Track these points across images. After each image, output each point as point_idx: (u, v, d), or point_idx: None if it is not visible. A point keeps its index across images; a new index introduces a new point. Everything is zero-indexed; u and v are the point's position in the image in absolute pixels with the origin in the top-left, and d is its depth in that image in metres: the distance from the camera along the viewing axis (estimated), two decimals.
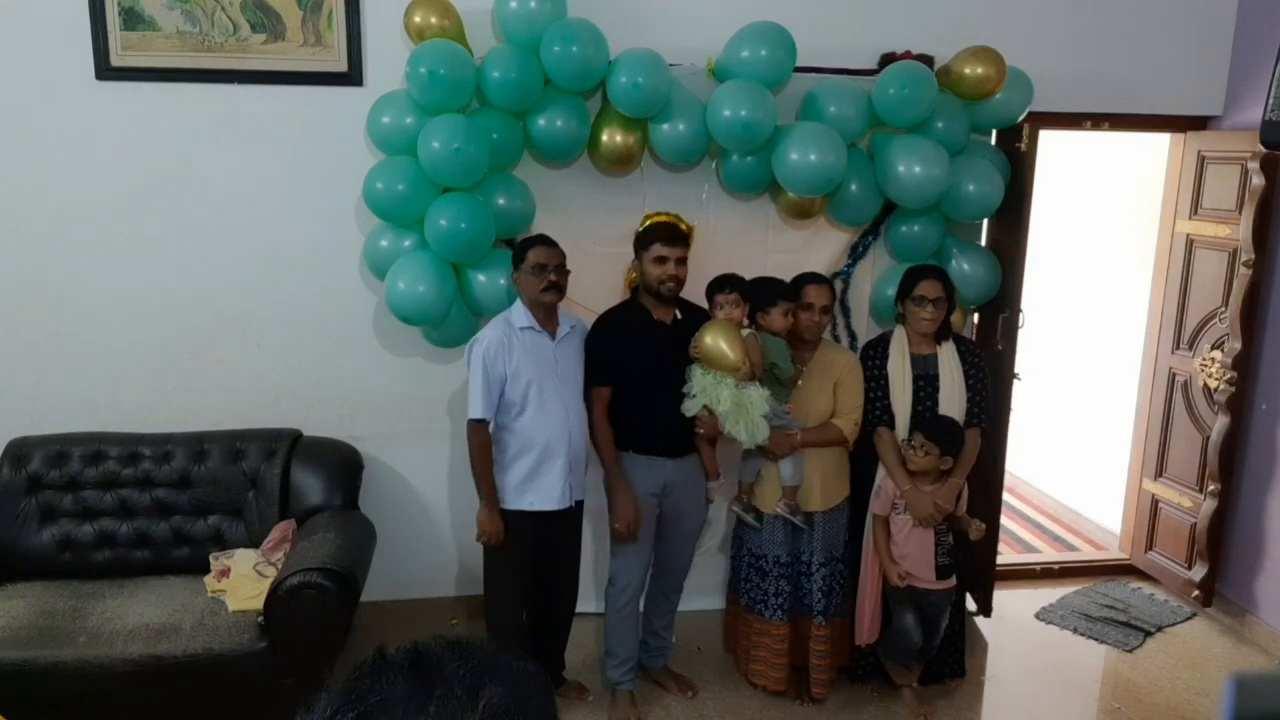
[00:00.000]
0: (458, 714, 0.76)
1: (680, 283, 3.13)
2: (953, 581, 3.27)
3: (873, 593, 3.31)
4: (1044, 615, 4.07)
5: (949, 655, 3.50)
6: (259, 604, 2.96)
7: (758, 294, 3.19)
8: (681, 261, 3.11)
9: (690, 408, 3.11)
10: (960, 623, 3.54)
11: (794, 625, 3.34)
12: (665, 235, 3.09)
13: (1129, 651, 3.80)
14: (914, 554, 3.20)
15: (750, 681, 3.45)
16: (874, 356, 3.33)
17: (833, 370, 3.27)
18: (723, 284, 3.17)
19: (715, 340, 3.03)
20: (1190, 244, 4.13)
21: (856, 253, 3.79)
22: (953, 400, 3.25)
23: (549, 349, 3.08)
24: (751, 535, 3.36)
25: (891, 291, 3.48)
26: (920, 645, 3.26)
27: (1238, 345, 3.87)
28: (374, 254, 3.46)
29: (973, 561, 3.57)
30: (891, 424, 3.27)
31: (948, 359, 3.28)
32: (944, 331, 3.30)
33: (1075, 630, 3.95)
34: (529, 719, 0.79)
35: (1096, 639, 3.88)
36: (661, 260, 3.08)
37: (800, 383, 3.25)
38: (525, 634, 3.23)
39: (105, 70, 3.41)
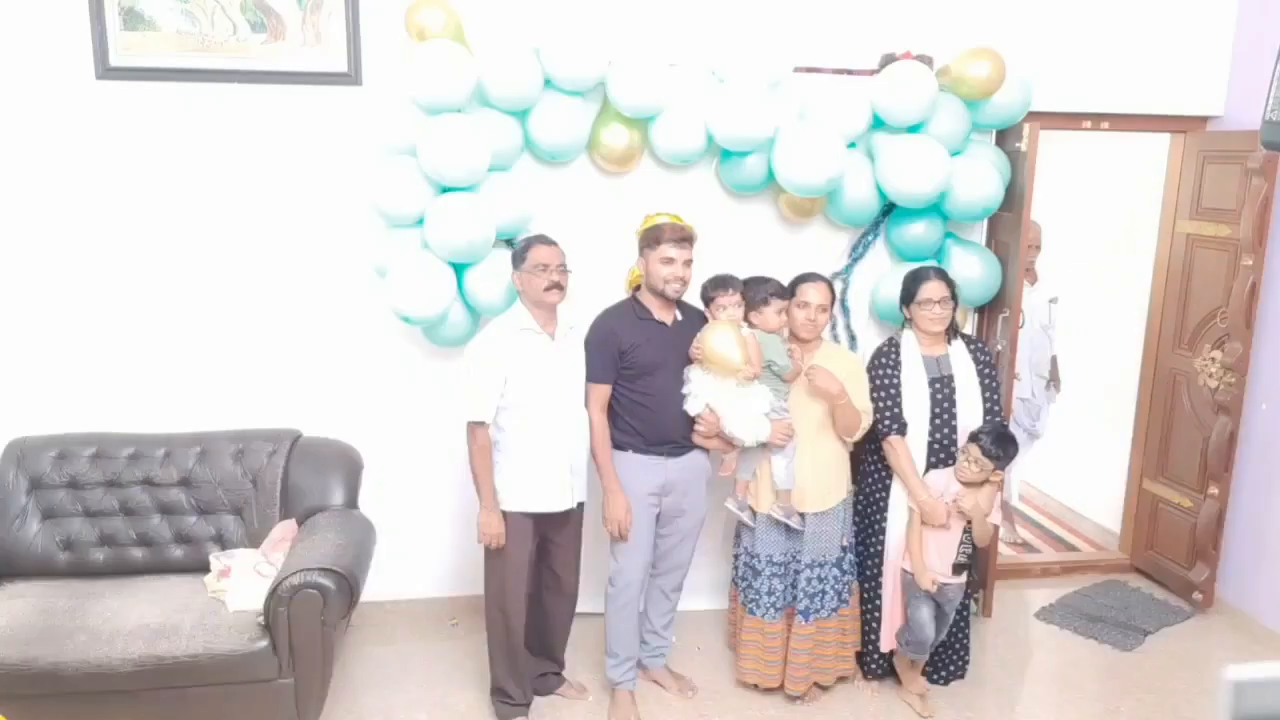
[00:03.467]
0: None
1: (686, 284, 3.12)
2: (964, 576, 3.28)
3: (897, 594, 3.31)
4: (1044, 615, 4.07)
5: (954, 657, 3.50)
6: (259, 604, 2.96)
7: (752, 292, 3.19)
8: (688, 264, 3.11)
9: (693, 407, 3.12)
10: (965, 625, 3.54)
11: (787, 624, 3.33)
12: (674, 236, 3.09)
13: (1129, 651, 3.80)
14: (934, 555, 3.20)
15: (742, 679, 3.44)
16: (885, 365, 3.27)
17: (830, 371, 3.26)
18: (722, 284, 3.17)
19: (718, 342, 3.03)
20: (1190, 244, 4.13)
21: (856, 253, 3.79)
22: (970, 397, 3.23)
23: (549, 350, 3.07)
24: (747, 533, 3.36)
25: (891, 291, 3.47)
26: (933, 638, 3.27)
27: (1238, 345, 3.87)
28: (374, 254, 3.45)
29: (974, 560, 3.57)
30: (904, 431, 3.22)
31: (960, 356, 3.27)
32: (953, 328, 3.29)
33: (1075, 630, 3.95)
34: None
35: (1096, 639, 3.88)
36: (669, 261, 3.07)
37: (797, 384, 3.25)
38: (525, 634, 3.22)
39: (105, 70, 3.41)
